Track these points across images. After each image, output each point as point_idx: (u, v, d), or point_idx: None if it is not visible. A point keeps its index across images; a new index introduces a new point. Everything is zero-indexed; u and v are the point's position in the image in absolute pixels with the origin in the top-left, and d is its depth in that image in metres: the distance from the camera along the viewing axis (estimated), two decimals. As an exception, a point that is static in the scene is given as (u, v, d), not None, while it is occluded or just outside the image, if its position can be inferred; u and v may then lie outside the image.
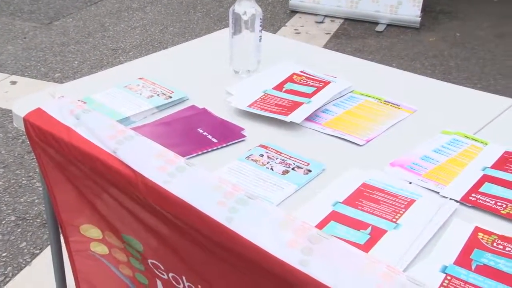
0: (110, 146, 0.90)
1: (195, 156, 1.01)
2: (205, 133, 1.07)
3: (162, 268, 0.95)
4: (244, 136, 1.07)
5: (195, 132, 1.08)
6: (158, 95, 1.20)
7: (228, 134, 1.07)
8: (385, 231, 0.81)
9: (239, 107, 1.16)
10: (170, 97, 1.20)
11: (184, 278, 0.92)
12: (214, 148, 1.03)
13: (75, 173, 0.98)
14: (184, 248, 0.89)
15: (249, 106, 1.16)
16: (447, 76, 3.07)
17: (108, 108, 1.14)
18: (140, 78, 1.28)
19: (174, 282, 0.95)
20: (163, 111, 1.16)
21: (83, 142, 0.92)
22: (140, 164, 0.87)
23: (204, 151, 1.02)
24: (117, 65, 1.49)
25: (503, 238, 0.80)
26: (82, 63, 3.20)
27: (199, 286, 0.90)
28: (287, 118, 1.11)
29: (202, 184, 0.85)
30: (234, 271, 0.80)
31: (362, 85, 1.26)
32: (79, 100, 1.14)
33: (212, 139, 1.05)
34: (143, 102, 1.17)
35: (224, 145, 1.04)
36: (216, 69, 1.34)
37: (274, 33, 3.46)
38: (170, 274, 0.95)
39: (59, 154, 0.97)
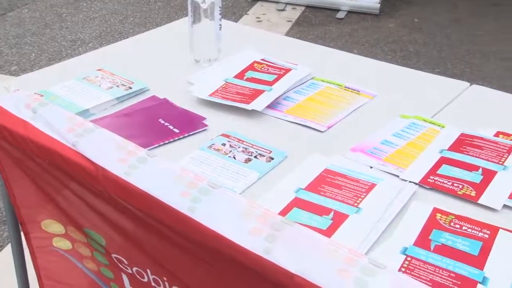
0: (69, 140, 0.88)
1: (157, 147, 1.00)
2: (166, 124, 1.06)
3: (126, 262, 0.95)
4: (206, 126, 1.07)
5: (156, 122, 1.07)
6: (117, 86, 1.18)
7: (189, 124, 1.07)
8: (347, 216, 0.83)
9: (200, 96, 1.15)
10: (130, 88, 1.18)
11: (149, 271, 0.92)
12: (176, 138, 1.03)
13: (33, 168, 0.96)
14: (147, 241, 0.88)
15: (211, 95, 1.15)
16: (407, 61, 3.12)
17: (66, 101, 1.12)
18: (99, 70, 1.25)
19: (138, 276, 0.94)
20: (123, 102, 1.15)
21: (41, 136, 0.90)
22: (100, 156, 0.86)
23: (166, 141, 1.02)
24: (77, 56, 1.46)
25: (460, 218, 0.83)
26: (39, 55, 3.12)
27: (165, 279, 0.90)
28: (249, 106, 1.11)
29: (164, 175, 0.84)
30: (198, 261, 0.80)
31: (323, 72, 1.27)
32: (35, 93, 1.11)
33: (173, 129, 1.05)
34: (102, 93, 1.15)
35: (186, 135, 1.04)
36: (176, 59, 1.33)
37: (236, 22, 3.44)
38: (134, 268, 0.94)
39: (16, 149, 0.95)
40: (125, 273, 0.97)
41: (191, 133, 1.04)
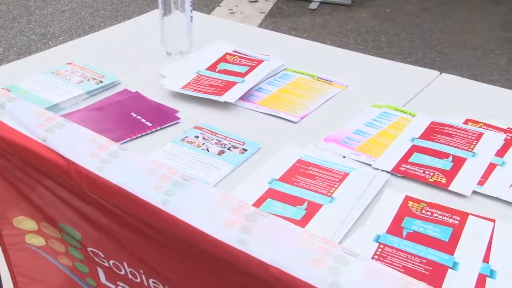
0: (39, 135, 0.87)
1: (129, 140, 1.00)
2: (138, 117, 1.05)
3: (102, 255, 0.94)
4: (179, 118, 1.06)
5: (128, 116, 1.06)
6: (88, 80, 1.17)
7: (162, 117, 1.06)
8: (320, 206, 0.83)
9: (173, 89, 1.14)
10: (101, 81, 1.16)
11: (125, 264, 0.91)
12: (148, 131, 1.02)
13: (4, 164, 0.94)
14: (123, 235, 0.88)
15: (183, 87, 1.15)
16: (379, 51, 3.15)
17: (35, 96, 1.10)
18: (68, 63, 1.23)
19: (115, 269, 0.94)
20: (94, 96, 1.13)
21: (10, 132, 0.89)
22: (72, 151, 0.85)
23: (138, 135, 1.01)
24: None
25: (431, 205, 0.84)
26: (8, 50, 3.06)
27: (141, 271, 0.90)
28: (221, 98, 1.10)
29: (137, 168, 0.83)
30: (174, 254, 0.80)
31: (295, 63, 1.28)
32: (3, 88, 1.09)
33: (146, 122, 1.04)
34: (72, 88, 1.14)
35: (158, 128, 1.03)
36: (148, 52, 1.32)
37: (209, 14, 3.42)
38: (111, 262, 0.93)
39: (-16, 146, 0.93)
40: (102, 266, 0.96)
41: (163, 126, 1.04)
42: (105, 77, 1.18)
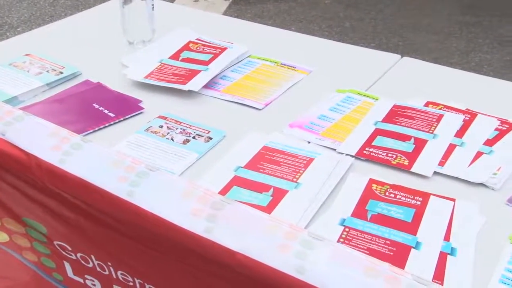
0: (-3, 129, 0.85)
1: (92, 132, 0.98)
2: (101, 108, 1.04)
3: (70, 248, 0.93)
4: (142, 108, 1.05)
5: (91, 107, 1.04)
6: (47, 71, 1.14)
7: (125, 107, 1.04)
8: (286, 191, 0.84)
9: (135, 78, 1.13)
10: (61, 72, 1.14)
11: (93, 257, 0.90)
12: (112, 122, 1.01)
13: (-38, 160, 0.92)
14: (89, 228, 0.87)
15: (146, 77, 1.13)
16: (343, 37, 3.17)
17: (-8, 89, 1.07)
18: (26, 55, 1.20)
19: (83, 262, 0.93)
20: (55, 88, 1.11)
21: (-34, 127, 0.86)
22: (32, 145, 0.83)
23: (101, 126, 0.99)
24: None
25: (394, 187, 0.85)
26: (-36, 42, 2.96)
27: (109, 263, 0.89)
28: (185, 87, 1.09)
29: (100, 160, 0.82)
30: (140, 246, 0.79)
31: (259, 50, 1.27)
32: (-42, 82, 1.06)
33: (108, 113, 1.02)
34: (31, 79, 1.11)
35: (121, 119, 1.02)
36: (109, 41, 1.29)
37: (172, 2, 3.38)
38: (79, 254, 0.92)
39: None
40: (69, 260, 0.95)
41: (127, 117, 1.02)
42: (65, 68, 1.15)
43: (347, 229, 0.78)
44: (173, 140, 0.96)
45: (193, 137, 0.97)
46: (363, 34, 3.21)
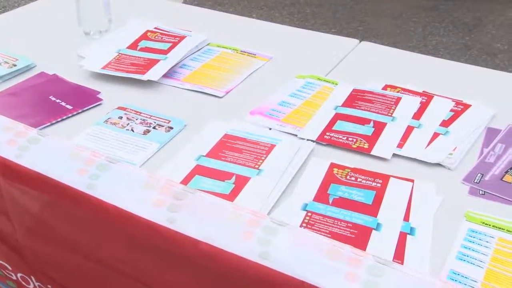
0: None
1: (49, 125, 0.96)
2: (58, 100, 1.02)
3: (10, 268, 0.91)
4: (101, 100, 1.03)
5: (47, 100, 1.02)
6: (0, 64, 1.11)
7: (83, 99, 1.03)
8: (248, 179, 0.84)
9: (93, 69, 1.11)
10: (15, 65, 1.11)
11: (33, 278, 0.89)
12: (69, 115, 0.99)
13: None
14: (31, 247, 0.85)
15: (103, 68, 1.11)
16: (305, 23, 3.17)
17: None
18: (-23, 48, 1.17)
19: (23, 283, 0.91)
20: (8, 81, 1.08)
21: None
22: (-14, 141, 0.81)
23: (59, 119, 0.97)
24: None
25: (355, 170, 0.87)
26: None
27: (49, 286, 0.88)
28: (144, 77, 1.08)
29: (58, 154, 0.81)
30: (102, 240, 0.78)
31: (219, 38, 1.27)
32: None
33: (66, 106, 1.00)
34: (-17, 73, 1.08)
35: (79, 111, 1.00)
36: (65, 32, 1.26)
37: (130, -10, 3.31)
38: (19, 275, 0.90)
39: None
40: (11, 280, 0.93)
41: (85, 109, 1.01)
42: (19, 61, 1.12)
43: (309, 214, 0.78)
44: (133, 131, 0.95)
45: (154, 127, 0.96)
46: (324, 20, 3.23)
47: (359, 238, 0.74)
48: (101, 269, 0.80)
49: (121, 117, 0.98)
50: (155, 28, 1.27)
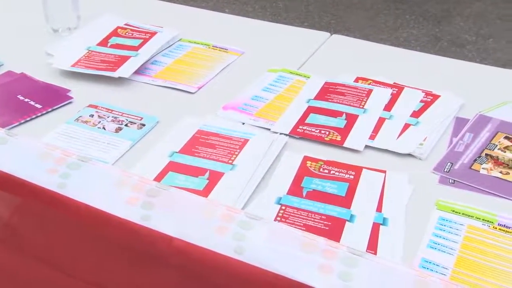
0: None
1: (18, 125, 0.94)
2: (26, 100, 1.00)
3: None
4: (71, 98, 1.02)
5: (15, 99, 1.00)
6: (-35, 64, 1.09)
7: (52, 97, 1.01)
8: (222, 174, 0.84)
9: (62, 67, 1.09)
10: (-19, 64, 1.09)
11: None
12: (39, 114, 0.97)
13: None
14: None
15: (73, 65, 1.10)
16: (277, 17, 3.18)
17: None
18: None
19: None
20: (-25, 81, 1.06)
21: None
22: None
23: (28, 118, 0.96)
24: None
25: (328, 162, 0.87)
26: None
27: None
28: (115, 74, 1.07)
29: (27, 153, 0.79)
30: (74, 241, 0.77)
31: (191, 33, 1.26)
32: None
33: (35, 105, 0.99)
34: None
35: (49, 109, 0.98)
36: (32, 30, 1.24)
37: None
38: None
39: None
40: None
41: (55, 107, 0.99)
42: (-15, 60, 1.10)
43: (283, 207, 0.79)
44: (105, 129, 0.94)
45: (126, 125, 0.95)
46: (297, 14, 3.23)
47: (333, 230, 0.75)
48: (65, 278, 0.79)
49: (92, 115, 0.97)
50: (126, 24, 1.26)
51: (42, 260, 0.81)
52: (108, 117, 0.97)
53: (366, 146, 0.91)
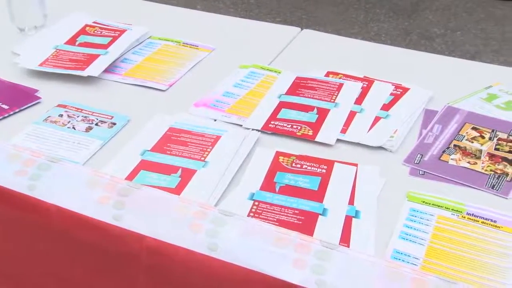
0: None
1: (-16, 127, 0.93)
2: (-7, 101, 0.98)
3: None
4: (39, 98, 1.00)
5: (-19, 101, 0.98)
6: None
7: (20, 98, 0.99)
8: (194, 171, 0.84)
9: (29, 67, 1.07)
10: None
11: None
12: (6, 115, 0.95)
13: None
14: None
15: (40, 65, 1.08)
16: (249, 13, 3.17)
17: None
18: None
19: None
20: None
21: None
22: None
23: (-6, 120, 0.94)
24: None
25: (300, 157, 0.88)
26: None
27: None
28: (84, 73, 1.05)
29: (-5, 156, 0.78)
30: (45, 242, 0.76)
31: (161, 30, 1.25)
32: None
33: (2, 105, 0.97)
34: None
35: (17, 110, 0.97)
36: (-3, 29, 1.21)
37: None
38: None
39: None
40: None
41: (23, 108, 0.97)
42: (-51, 61, 1.07)
43: (256, 203, 0.79)
44: (75, 129, 0.92)
45: (96, 124, 0.94)
46: (268, 10, 3.23)
47: (306, 224, 0.75)
48: (36, 280, 0.78)
49: (61, 115, 0.95)
50: (94, 22, 1.24)
51: (11, 263, 0.80)
52: (78, 116, 0.95)
53: (338, 140, 0.92)
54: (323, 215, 0.77)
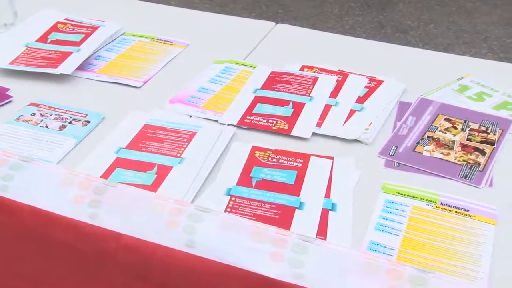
0: None
1: (-46, 127, 0.91)
2: (-38, 101, 0.96)
3: None
4: (11, 97, 0.99)
5: (-50, 101, 0.96)
6: None
7: (-9, 97, 0.97)
8: (170, 168, 0.83)
9: (0, 65, 1.05)
10: None
11: None
12: (-24, 115, 0.93)
13: None
14: None
15: (11, 63, 1.06)
16: (224, 8, 3.16)
17: None
18: None
19: None
20: None
21: None
22: None
23: (-35, 120, 0.92)
24: None
25: (276, 152, 0.88)
26: None
27: None
28: (57, 71, 1.04)
29: (-35, 157, 0.76)
30: (19, 243, 0.75)
31: (135, 26, 1.24)
32: None
33: (-28, 105, 0.95)
34: None
35: (-13, 110, 0.95)
36: (-34, 27, 1.19)
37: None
38: None
39: None
40: None
41: (-6, 107, 0.96)
42: None
43: (233, 198, 0.79)
44: (48, 127, 0.91)
45: (70, 122, 0.93)
46: (244, 4, 3.23)
47: (283, 218, 0.76)
48: (9, 281, 0.77)
49: (34, 114, 0.94)
50: (66, 19, 1.22)
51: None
52: (51, 115, 0.94)
53: (314, 134, 0.92)
54: (300, 209, 0.77)
